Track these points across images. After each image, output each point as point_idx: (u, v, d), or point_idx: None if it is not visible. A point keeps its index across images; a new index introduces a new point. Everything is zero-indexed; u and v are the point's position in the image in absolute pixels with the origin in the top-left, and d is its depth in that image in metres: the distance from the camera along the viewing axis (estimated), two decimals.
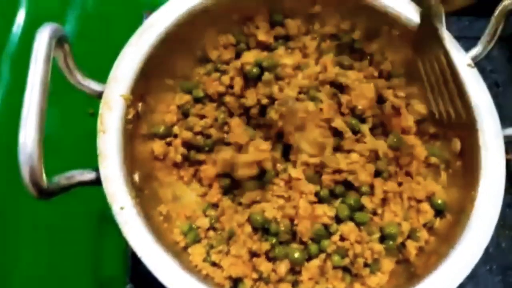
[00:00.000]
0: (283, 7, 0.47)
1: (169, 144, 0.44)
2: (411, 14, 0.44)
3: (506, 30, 0.43)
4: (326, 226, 0.40)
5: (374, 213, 0.41)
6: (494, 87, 0.59)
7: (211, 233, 0.41)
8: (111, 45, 0.41)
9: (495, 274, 0.49)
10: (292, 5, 0.47)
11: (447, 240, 0.38)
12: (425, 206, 0.41)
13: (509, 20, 0.42)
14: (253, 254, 0.39)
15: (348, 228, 0.40)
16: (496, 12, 0.41)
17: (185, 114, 0.45)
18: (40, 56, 0.33)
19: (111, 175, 0.36)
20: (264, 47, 0.48)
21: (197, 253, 0.39)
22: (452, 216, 0.40)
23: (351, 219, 0.41)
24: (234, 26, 0.47)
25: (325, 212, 0.40)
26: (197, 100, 0.45)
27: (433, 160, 0.44)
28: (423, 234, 0.40)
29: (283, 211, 0.40)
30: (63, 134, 0.57)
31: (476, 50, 0.43)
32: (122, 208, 0.35)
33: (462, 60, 0.42)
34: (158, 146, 0.42)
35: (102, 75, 0.40)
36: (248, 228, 0.40)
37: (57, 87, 0.39)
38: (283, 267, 0.38)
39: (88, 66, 0.40)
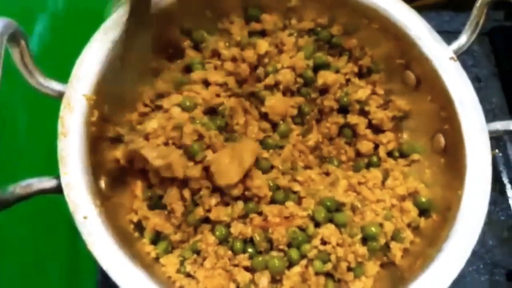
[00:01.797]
0: (259, 1, 0.45)
1: None
2: (391, 7, 0.42)
3: (487, 25, 0.42)
4: (303, 229, 0.38)
5: (354, 211, 0.39)
6: (475, 82, 0.59)
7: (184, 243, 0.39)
8: (84, 45, 0.38)
9: (481, 274, 0.48)
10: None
11: (433, 241, 0.37)
12: (408, 204, 0.40)
13: (490, 13, 0.41)
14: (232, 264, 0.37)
15: (328, 231, 0.38)
16: (478, 3, 0.40)
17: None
18: None
19: (73, 182, 0.33)
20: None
21: (170, 263, 0.37)
22: (438, 216, 0.39)
23: (331, 221, 0.39)
24: (208, 22, 0.44)
25: (297, 213, 0.38)
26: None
27: (416, 157, 0.43)
28: (408, 234, 0.39)
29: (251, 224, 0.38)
30: (31, 139, 0.54)
31: (458, 43, 0.41)
32: (85, 217, 0.32)
33: (444, 54, 0.41)
34: (121, 153, 0.39)
35: None
36: (211, 241, 0.38)
37: (27, 89, 0.36)
38: (265, 280, 0.36)
39: (60, 67, 0.37)
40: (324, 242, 0.38)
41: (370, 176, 0.42)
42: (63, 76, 0.37)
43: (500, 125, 0.39)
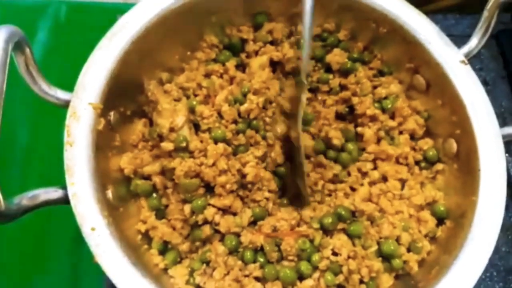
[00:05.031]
0: (265, 7, 0.44)
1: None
2: (400, 11, 0.42)
3: (494, 28, 0.41)
4: (311, 240, 0.37)
5: (371, 222, 0.38)
6: (483, 86, 0.58)
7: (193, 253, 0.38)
8: (86, 53, 0.38)
9: (495, 281, 0.47)
10: (274, 5, 0.44)
11: (448, 248, 0.36)
12: (426, 214, 0.39)
13: (501, 14, 0.40)
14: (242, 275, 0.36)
15: (340, 242, 0.37)
16: (489, 4, 0.39)
17: None
18: None
19: (80, 192, 0.32)
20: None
21: (179, 275, 0.36)
22: (452, 223, 0.38)
23: (344, 230, 0.38)
24: (215, 27, 0.44)
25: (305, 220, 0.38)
26: None
27: (441, 167, 0.41)
28: (425, 245, 0.38)
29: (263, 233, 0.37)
30: (36, 148, 0.53)
31: (469, 46, 0.41)
32: (93, 229, 0.32)
33: (455, 57, 0.40)
34: (125, 162, 0.38)
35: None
36: (220, 251, 0.37)
37: (30, 97, 0.35)
38: None
39: (62, 76, 0.37)
40: (335, 253, 0.37)
41: (390, 185, 0.40)
42: (66, 83, 0.36)
43: None
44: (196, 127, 0.40)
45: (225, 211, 0.38)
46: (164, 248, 0.37)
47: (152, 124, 0.40)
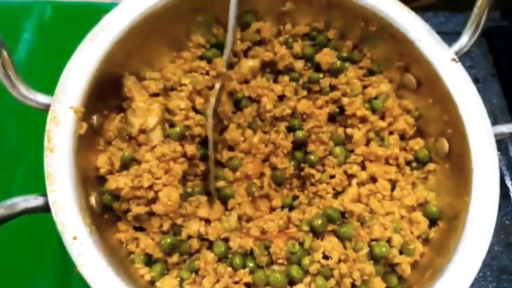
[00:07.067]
0: (252, 5, 0.43)
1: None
2: (389, 8, 0.41)
3: (484, 25, 0.40)
4: (301, 243, 0.37)
5: (362, 224, 0.38)
6: (474, 83, 0.57)
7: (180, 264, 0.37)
8: (72, 54, 0.36)
9: (489, 281, 0.46)
10: (262, 3, 0.43)
11: (441, 250, 0.35)
12: (418, 215, 0.38)
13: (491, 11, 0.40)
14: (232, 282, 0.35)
15: (331, 244, 0.36)
16: (479, 1, 0.38)
17: None
18: None
19: (61, 200, 0.31)
20: None
21: (168, 286, 0.34)
22: (445, 224, 0.37)
23: (334, 233, 0.37)
24: (202, 26, 0.43)
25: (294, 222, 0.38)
26: None
27: (432, 167, 0.41)
28: (418, 247, 0.37)
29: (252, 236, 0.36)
30: (23, 153, 0.52)
31: (459, 44, 0.40)
32: (75, 238, 0.30)
33: (446, 55, 0.39)
34: (101, 161, 0.36)
35: None
36: (210, 258, 0.36)
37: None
38: None
39: (47, 77, 0.36)
40: (326, 257, 0.36)
41: (379, 186, 0.40)
42: (51, 85, 0.35)
43: (505, 128, 0.38)
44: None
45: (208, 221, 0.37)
46: (149, 260, 0.36)
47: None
